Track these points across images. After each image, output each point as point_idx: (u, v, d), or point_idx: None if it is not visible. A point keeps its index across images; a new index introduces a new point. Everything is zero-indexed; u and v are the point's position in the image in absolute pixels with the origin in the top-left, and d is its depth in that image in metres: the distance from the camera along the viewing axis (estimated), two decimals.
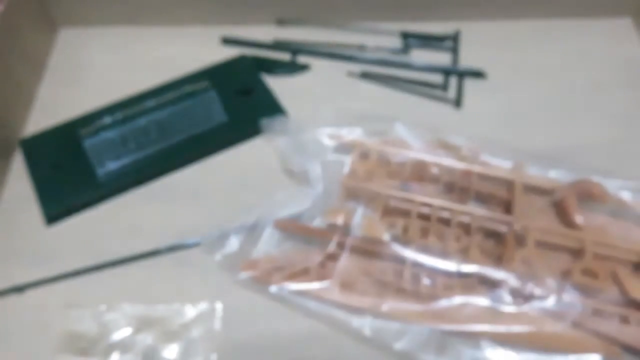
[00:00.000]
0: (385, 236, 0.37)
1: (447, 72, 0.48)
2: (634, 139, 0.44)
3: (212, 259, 0.38)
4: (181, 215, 0.40)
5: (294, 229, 0.38)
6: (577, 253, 0.37)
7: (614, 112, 0.46)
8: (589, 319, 0.34)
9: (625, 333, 0.34)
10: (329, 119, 0.43)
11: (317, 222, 0.39)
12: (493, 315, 0.35)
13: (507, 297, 0.35)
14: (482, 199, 0.40)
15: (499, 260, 0.36)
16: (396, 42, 0.51)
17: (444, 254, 0.36)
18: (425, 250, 0.36)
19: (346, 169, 0.41)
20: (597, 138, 0.44)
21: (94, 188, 0.41)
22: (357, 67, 0.49)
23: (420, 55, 0.50)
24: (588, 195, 0.38)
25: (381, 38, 0.51)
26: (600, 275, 0.34)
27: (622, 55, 0.49)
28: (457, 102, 0.46)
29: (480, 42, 0.50)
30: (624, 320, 0.34)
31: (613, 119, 0.45)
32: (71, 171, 0.42)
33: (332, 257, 0.37)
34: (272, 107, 0.45)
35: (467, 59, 0.49)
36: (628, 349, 0.34)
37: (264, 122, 0.43)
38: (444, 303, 0.35)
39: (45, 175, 0.42)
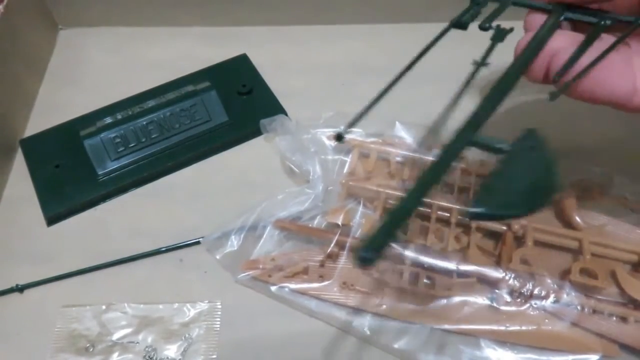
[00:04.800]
0: None
1: None
2: (634, 139, 0.44)
3: (212, 258, 0.38)
4: (181, 215, 0.40)
5: (294, 228, 0.38)
6: (576, 253, 0.37)
7: (614, 112, 0.46)
8: (587, 318, 0.34)
9: (624, 332, 0.34)
10: (329, 118, 0.43)
11: (317, 222, 0.39)
12: (492, 314, 0.35)
13: (506, 297, 0.35)
14: None
15: (498, 260, 0.36)
16: None
17: (443, 254, 0.36)
18: (424, 249, 0.36)
19: (346, 169, 0.41)
20: (597, 138, 0.44)
21: (94, 188, 0.41)
22: None
23: None
24: (587, 195, 0.38)
25: None
26: (599, 274, 0.34)
27: None
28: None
29: None
30: (623, 319, 0.34)
31: (613, 118, 0.45)
32: (71, 171, 0.42)
33: (332, 257, 0.37)
34: (272, 107, 0.45)
35: None
36: (627, 348, 0.34)
37: (264, 122, 0.43)
38: (443, 302, 0.35)
39: (45, 175, 0.42)
